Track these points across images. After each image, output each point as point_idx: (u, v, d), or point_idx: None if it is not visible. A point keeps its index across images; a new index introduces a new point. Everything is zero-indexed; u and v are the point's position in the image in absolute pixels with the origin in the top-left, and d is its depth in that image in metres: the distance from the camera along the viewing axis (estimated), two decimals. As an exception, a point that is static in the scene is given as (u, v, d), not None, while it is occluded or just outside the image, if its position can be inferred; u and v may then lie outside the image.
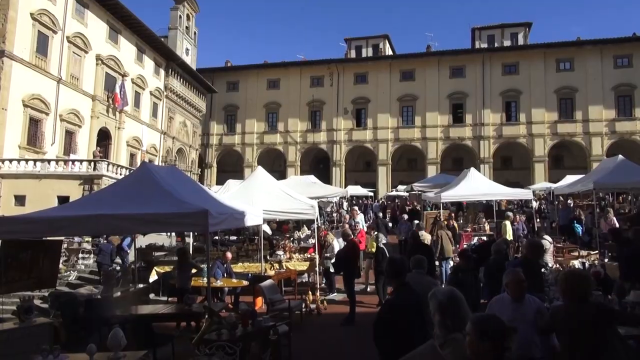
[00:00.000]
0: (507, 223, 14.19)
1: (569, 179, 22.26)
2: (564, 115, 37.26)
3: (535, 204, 21.58)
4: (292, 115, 42.20)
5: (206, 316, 5.76)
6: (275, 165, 43.46)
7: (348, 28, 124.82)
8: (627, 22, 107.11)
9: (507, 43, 41.83)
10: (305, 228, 15.59)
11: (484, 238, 14.71)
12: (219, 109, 44.37)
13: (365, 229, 14.08)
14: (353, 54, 45.35)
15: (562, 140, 37.18)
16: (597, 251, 11.42)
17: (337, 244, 11.00)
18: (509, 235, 13.72)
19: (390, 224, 21.40)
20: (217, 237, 14.06)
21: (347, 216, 14.95)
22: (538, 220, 18.69)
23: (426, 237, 11.46)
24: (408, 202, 26.73)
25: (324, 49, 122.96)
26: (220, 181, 31.78)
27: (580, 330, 3.43)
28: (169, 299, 9.78)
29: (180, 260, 9.08)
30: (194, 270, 8.89)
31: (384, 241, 11.32)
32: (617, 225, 14.03)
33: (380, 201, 31.86)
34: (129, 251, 13.75)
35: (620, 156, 16.12)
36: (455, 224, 14.21)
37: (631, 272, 7.39)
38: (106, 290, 9.05)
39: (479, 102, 38.45)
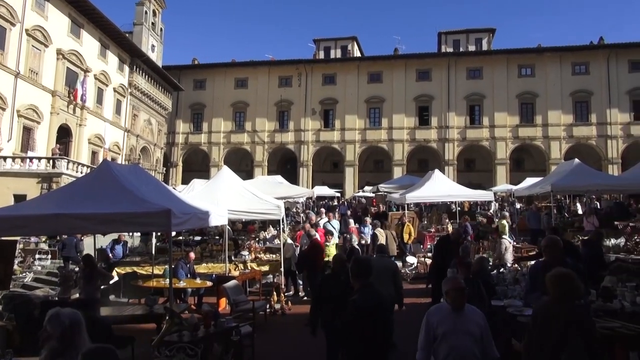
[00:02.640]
0: (505, 222, 14.93)
1: (529, 181, 23.02)
2: (525, 119, 38.42)
3: (495, 206, 22.18)
4: (259, 115, 41.97)
5: (167, 317, 5.67)
6: (242, 165, 43.13)
7: (317, 29, 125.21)
8: (585, 31, 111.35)
9: (471, 48, 42.82)
10: (272, 228, 15.53)
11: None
12: (185, 107, 43.69)
13: (334, 233, 14.06)
14: (322, 55, 45.47)
15: (523, 143, 38.33)
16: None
17: (294, 244, 11.09)
18: (506, 233, 14.32)
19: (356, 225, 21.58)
20: (181, 238, 13.85)
21: (313, 217, 14.97)
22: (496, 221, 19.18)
23: (381, 235, 11.68)
24: (374, 202, 27.00)
25: (292, 49, 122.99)
26: (186, 181, 31.30)
27: (568, 329, 3.44)
28: (130, 300, 9.57)
29: (86, 267, 7.99)
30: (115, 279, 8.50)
31: (356, 241, 11.50)
32: (597, 224, 14.69)
33: (346, 202, 32.04)
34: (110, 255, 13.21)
35: (577, 160, 16.75)
36: (410, 224, 14.43)
37: (589, 272, 7.74)
38: (63, 292, 8.78)
39: (444, 105, 39.22)
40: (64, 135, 27.62)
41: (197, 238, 14.89)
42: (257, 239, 14.37)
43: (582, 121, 37.51)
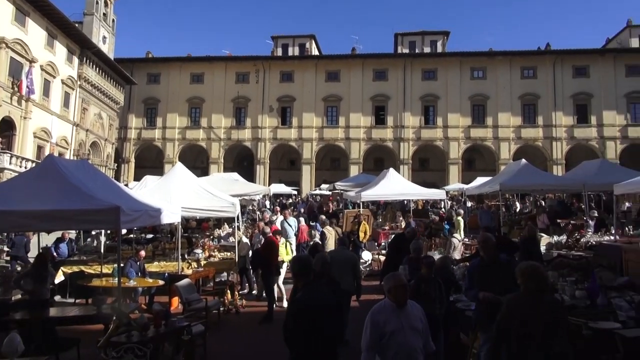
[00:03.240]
0: (460, 219, 15.63)
1: (480, 180, 23.78)
2: (476, 120, 39.67)
3: (447, 204, 22.76)
4: (216, 111, 41.34)
5: (114, 318, 5.51)
6: (198, 161, 42.39)
7: (275, 26, 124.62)
8: (534, 36, 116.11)
9: (427, 50, 43.78)
10: (226, 226, 15.36)
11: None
12: (138, 101, 42.44)
13: (290, 232, 14.02)
14: (280, 52, 45.30)
15: (475, 144, 39.58)
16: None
17: (248, 241, 11.03)
18: (461, 231, 14.98)
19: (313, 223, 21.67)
20: (132, 236, 13.47)
21: (267, 214, 14.90)
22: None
23: (330, 233, 11.83)
24: (330, 199, 27.19)
25: (250, 45, 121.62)
26: (139, 177, 30.38)
27: (538, 320, 3.58)
28: (77, 300, 9.24)
29: (39, 267, 7.62)
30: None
31: (318, 238, 11.55)
32: (548, 222, 15.42)
33: (302, 200, 32.10)
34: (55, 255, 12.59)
35: (524, 160, 17.48)
36: (365, 222, 14.66)
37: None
38: (4, 293, 8.37)
39: (400, 105, 39.94)
40: (7, 128, 26.22)
41: (150, 236, 14.53)
42: (211, 237, 14.19)
43: (530, 123, 39.12)
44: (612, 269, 9.61)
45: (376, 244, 14.85)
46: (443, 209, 18.60)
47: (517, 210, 23.32)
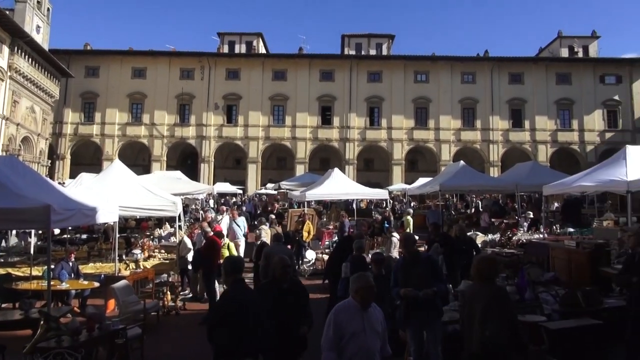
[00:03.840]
0: (409, 218, 16.08)
1: (421, 181, 24.54)
2: (419, 122, 40.82)
3: (390, 204, 23.34)
4: (159, 108, 40.11)
5: (42, 322, 5.25)
6: (139, 159, 41.06)
7: (221, 22, 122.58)
8: (474, 43, 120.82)
9: (372, 52, 44.55)
10: (168, 225, 14.97)
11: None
12: (75, 95, 40.40)
13: (239, 233, 13.82)
14: (226, 49, 44.57)
15: (417, 145, 40.73)
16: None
17: (189, 241, 10.83)
18: (411, 229, 15.29)
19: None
20: (66, 236, 12.86)
21: (209, 215, 14.67)
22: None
23: (267, 232, 11.92)
24: (276, 198, 27.14)
25: (195, 41, 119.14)
26: (75, 175, 28.96)
27: (477, 304, 3.92)
28: (3, 305, 8.70)
29: None
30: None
31: (265, 237, 11.50)
32: (489, 221, 16.11)
33: (254, 199, 31.77)
34: None
35: (462, 162, 18.22)
36: (309, 221, 14.79)
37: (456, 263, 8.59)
38: None
39: (346, 106, 40.44)
40: None
41: (85, 236, 13.92)
42: (151, 237, 13.78)
43: (469, 126, 40.73)
44: (540, 266, 10.22)
45: (320, 243, 14.96)
46: (387, 209, 19.01)
47: (459, 209, 24.24)
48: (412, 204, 25.14)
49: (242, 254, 14.05)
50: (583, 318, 6.13)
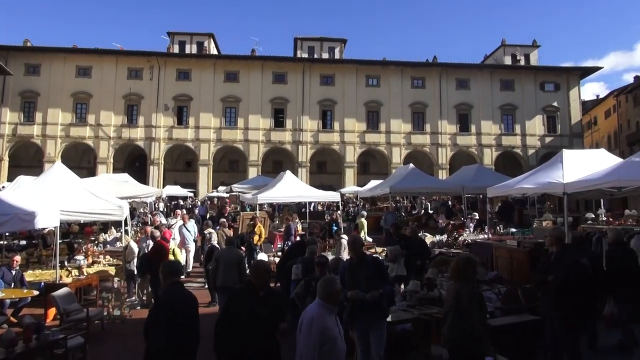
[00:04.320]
0: (364, 220, 16.28)
1: (373, 183, 24.96)
2: (371, 126, 41.46)
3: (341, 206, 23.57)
4: (105, 108, 38.67)
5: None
6: (84, 161, 39.53)
7: (171, 21, 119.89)
8: (423, 49, 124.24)
9: (325, 55, 44.86)
10: (114, 230, 14.47)
11: (297, 238, 15.60)
12: (14, 94, 38.21)
13: (189, 238, 13.55)
14: (176, 49, 43.61)
15: (369, 148, 41.33)
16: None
17: (136, 246, 10.53)
18: (365, 232, 15.54)
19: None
20: (3, 242, 12.17)
21: (158, 219, 14.33)
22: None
23: (213, 235, 11.90)
24: (228, 202, 26.81)
25: (143, 40, 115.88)
26: (13, 177, 27.52)
27: (469, 303, 4.21)
28: None
29: None
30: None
31: (216, 241, 11.37)
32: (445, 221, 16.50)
33: (206, 203, 31.17)
34: None
35: (412, 165, 18.70)
36: (261, 224, 14.74)
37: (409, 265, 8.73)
38: None
39: (299, 109, 40.51)
40: None
41: (24, 242, 13.22)
42: (95, 242, 13.29)
43: (419, 130, 41.76)
44: (484, 265, 10.63)
45: (272, 246, 14.91)
46: (339, 212, 19.18)
47: (410, 211, 24.76)
48: (364, 206, 25.49)
49: (192, 260, 13.85)
50: (523, 314, 6.43)
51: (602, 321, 6.66)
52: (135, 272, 10.09)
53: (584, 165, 10.37)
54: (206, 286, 11.02)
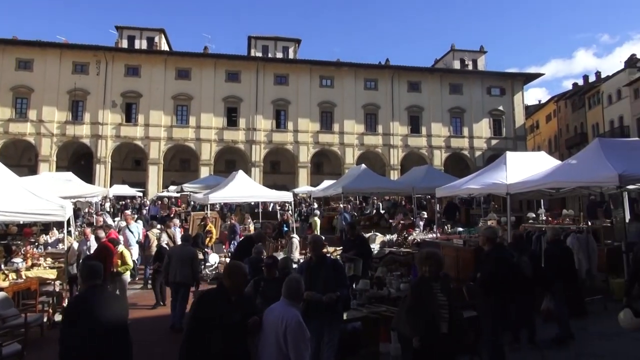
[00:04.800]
0: (317, 219, 16.42)
1: (326, 183, 25.11)
2: (324, 126, 41.69)
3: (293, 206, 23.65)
4: (48, 103, 36.81)
5: None
6: (24, 159, 37.60)
7: (120, 15, 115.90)
8: (376, 51, 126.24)
9: (279, 55, 44.74)
10: (56, 231, 13.83)
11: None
12: (-56, 86, 35.88)
13: (132, 239, 13.10)
14: (125, 44, 42.23)
15: (322, 149, 41.55)
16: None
17: (77, 246, 10.16)
18: (318, 231, 15.64)
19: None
20: None
21: (101, 219, 13.85)
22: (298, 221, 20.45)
23: (153, 236, 11.70)
24: (172, 201, 26.24)
25: (90, 33, 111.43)
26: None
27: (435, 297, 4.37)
28: None
29: None
30: None
31: (166, 241, 11.10)
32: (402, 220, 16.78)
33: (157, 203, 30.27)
34: None
35: (363, 165, 18.95)
36: (212, 225, 14.57)
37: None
38: None
39: (253, 108, 40.17)
40: None
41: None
42: (36, 244, 12.66)
43: (371, 131, 42.39)
44: (432, 263, 10.88)
45: (224, 247, 14.72)
46: (290, 212, 19.17)
47: (362, 211, 25.06)
48: (320, 206, 25.59)
49: (135, 262, 13.45)
50: (467, 310, 6.65)
51: (540, 316, 6.99)
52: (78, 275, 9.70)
53: (526, 167, 10.88)
54: (150, 287, 10.88)
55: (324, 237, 15.61)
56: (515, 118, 45.03)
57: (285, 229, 15.89)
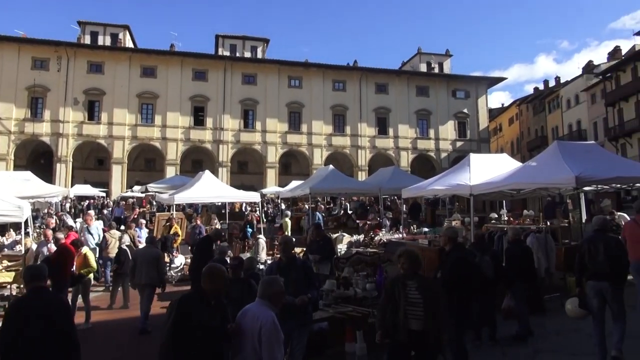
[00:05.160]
0: (287, 220, 16.35)
1: (294, 184, 25.07)
2: (293, 127, 41.64)
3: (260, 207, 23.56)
4: (5, 100, 35.33)
5: None
6: (-21, 157, 36.00)
7: (82, 10, 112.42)
8: (344, 52, 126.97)
9: (247, 54, 44.42)
10: (13, 232, 13.34)
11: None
12: None
13: (92, 241, 12.72)
14: (88, 40, 41.06)
15: (291, 149, 41.48)
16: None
17: (35, 248, 9.85)
18: (289, 231, 15.63)
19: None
20: None
21: (53, 221, 13.45)
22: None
23: (113, 237, 11.63)
24: (144, 202, 25.74)
25: (50, 28, 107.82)
26: None
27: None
28: None
29: None
30: None
31: (127, 242, 10.88)
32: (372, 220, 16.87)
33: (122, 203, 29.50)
34: None
35: (331, 166, 19.03)
36: (177, 226, 14.37)
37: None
38: None
39: (220, 107, 39.72)
40: None
41: None
42: (-9, 246, 12.20)
43: (340, 132, 42.62)
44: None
45: (189, 247, 14.50)
46: (257, 213, 19.05)
47: (330, 211, 25.15)
48: (283, 207, 25.53)
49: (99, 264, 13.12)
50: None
51: (501, 314, 7.18)
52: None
53: (489, 168, 11.16)
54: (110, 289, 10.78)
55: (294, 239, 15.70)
56: (479, 121, 46.14)
57: (250, 230, 15.68)
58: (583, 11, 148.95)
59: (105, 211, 21.68)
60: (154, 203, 20.96)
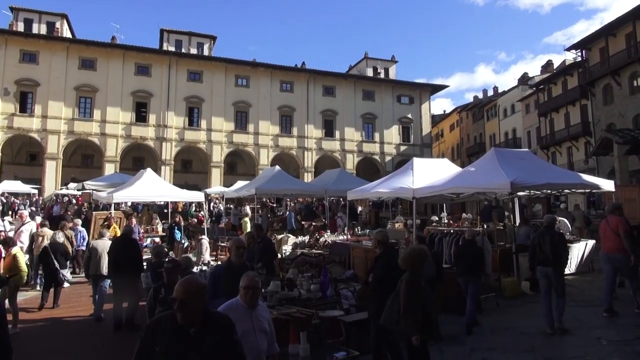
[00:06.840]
0: (247, 220, 16.39)
1: (240, 184, 24.77)
2: (239, 126, 41.12)
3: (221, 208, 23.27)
4: None
5: None
6: None
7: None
8: (293, 53, 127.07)
9: (193, 51, 43.47)
10: None
11: (157, 240, 14.87)
12: None
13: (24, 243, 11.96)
14: (21, 27, 38.67)
15: (237, 149, 40.94)
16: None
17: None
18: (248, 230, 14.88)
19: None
20: None
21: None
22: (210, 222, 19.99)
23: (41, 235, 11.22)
24: (79, 201, 24.58)
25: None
26: None
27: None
28: None
29: None
30: None
31: (62, 240, 10.39)
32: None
33: (59, 201, 27.95)
34: None
35: (277, 167, 18.97)
36: (116, 225, 13.85)
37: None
38: None
39: (164, 104, 38.58)
40: None
41: None
42: None
43: (287, 133, 42.58)
44: (342, 264, 11.20)
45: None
46: (202, 213, 18.68)
47: (275, 212, 25.06)
48: (233, 207, 25.17)
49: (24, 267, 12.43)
50: (361, 312, 6.89)
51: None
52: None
53: (431, 172, 11.53)
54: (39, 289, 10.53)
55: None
56: (423, 126, 47.57)
57: (178, 232, 14.54)
58: (520, 25, 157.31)
59: (31, 208, 20.49)
60: (92, 202, 20.03)
